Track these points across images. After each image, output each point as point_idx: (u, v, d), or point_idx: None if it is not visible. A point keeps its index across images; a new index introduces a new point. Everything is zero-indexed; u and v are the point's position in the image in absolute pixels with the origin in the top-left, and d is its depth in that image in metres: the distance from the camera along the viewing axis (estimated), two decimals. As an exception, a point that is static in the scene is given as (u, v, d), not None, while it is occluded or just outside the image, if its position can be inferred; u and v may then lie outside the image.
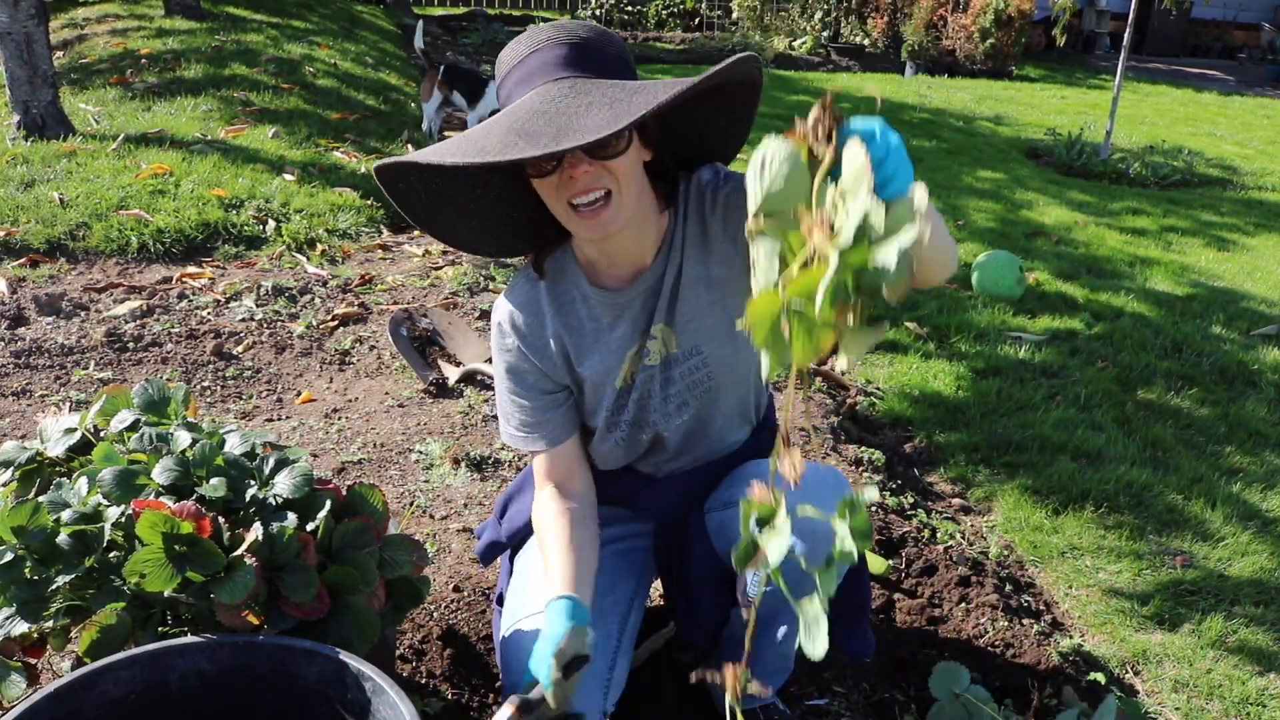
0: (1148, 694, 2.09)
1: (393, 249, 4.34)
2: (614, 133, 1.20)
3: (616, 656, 1.61)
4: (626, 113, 1.22)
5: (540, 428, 1.61)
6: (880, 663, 2.03)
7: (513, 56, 1.37)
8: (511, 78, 1.36)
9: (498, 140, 1.26)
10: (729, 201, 1.50)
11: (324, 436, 2.80)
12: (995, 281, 5.05)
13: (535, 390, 1.60)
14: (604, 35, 1.39)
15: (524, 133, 1.24)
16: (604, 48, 1.37)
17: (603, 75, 1.33)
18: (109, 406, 1.67)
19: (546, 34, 1.36)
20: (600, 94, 1.27)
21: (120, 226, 4.01)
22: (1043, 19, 12.62)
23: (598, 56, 1.35)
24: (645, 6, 13.18)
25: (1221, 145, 8.25)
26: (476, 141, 1.28)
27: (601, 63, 1.35)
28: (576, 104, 1.26)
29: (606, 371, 1.59)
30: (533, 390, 1.60)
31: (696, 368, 1.60)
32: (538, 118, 1.26)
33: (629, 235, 1.46)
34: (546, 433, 1.61)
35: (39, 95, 4.94)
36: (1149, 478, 2.89)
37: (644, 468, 1.74)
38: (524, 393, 1.60)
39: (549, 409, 1.61)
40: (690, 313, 1.55)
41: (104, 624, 1.33)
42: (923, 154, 6.98)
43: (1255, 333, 4.05)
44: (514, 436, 1.63)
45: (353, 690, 1.29)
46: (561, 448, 1.62)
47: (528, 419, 1.60)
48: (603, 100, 1.26)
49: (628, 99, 1.26)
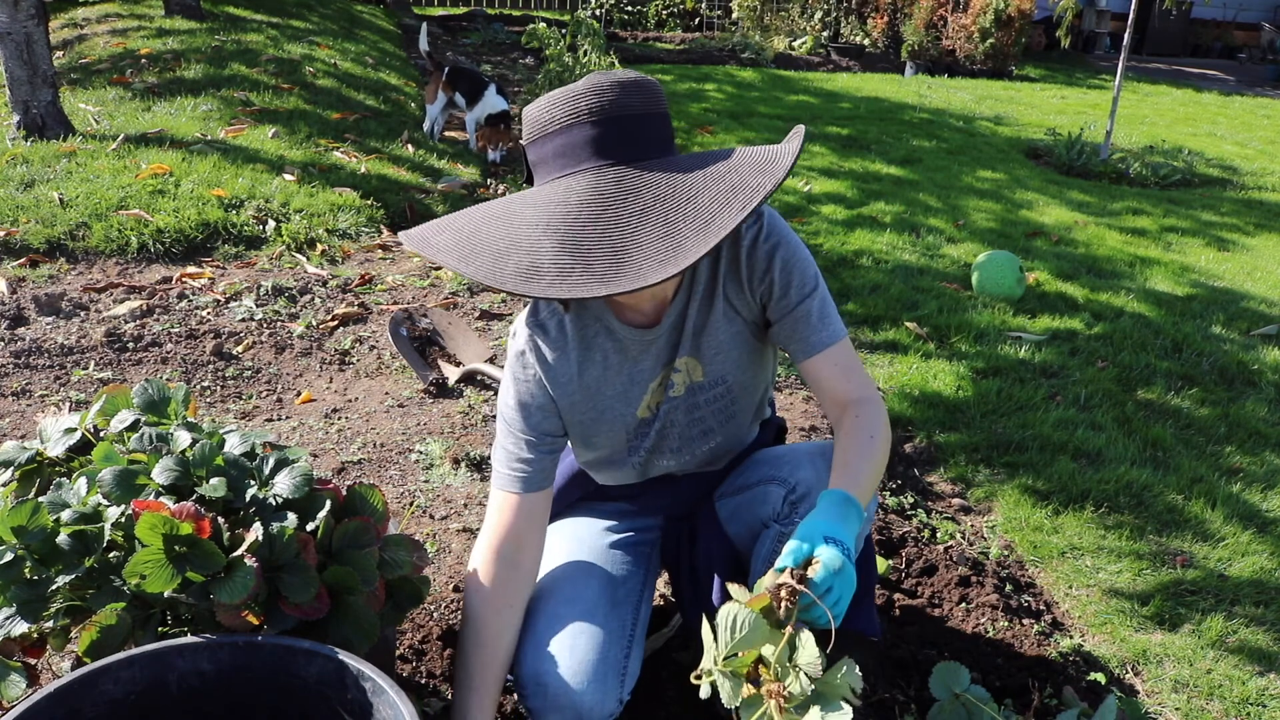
0: (1148, 694, 2.09)
1: (393, 249, 4.34)
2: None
3: (631, 645, 1.62)
4: (689, 248, 1.20)
5: (528, 466, 1.56)
6: (880, 663, 2.03)
7: (547, 122, 1.32)
8: (547, 146, 1.32)
9: (550, 260, 1.21)
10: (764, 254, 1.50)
11: (324, 436, 2.80)
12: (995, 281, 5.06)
13: (539, 430, 1.57)
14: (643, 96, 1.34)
15: (578, 250, 1.21)
16: (645, 114, 1.32)
17: (645, 153, 1.30)
18: (109, 406, 1.67)
19: (586, 103, 1.30)
20: (651, 195, 1.25)
21: (120, 226, 4.01)
22: (1043, 19, 12.62)
23: (638, 128, 1.31)
24: (645, 6, 13.18)
25: (1221, 145, 8.25)
26: (526, 253, 1.23)
27: (642, 135, 1.31)
28: (628, 213, 1.23)
29: (629, 403, 1.59)
30: (536, 429, 1.57)
31: (721, 395, 1.62)
32: (588, 226, 1.22)
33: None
34: (529, 473, 1.56)
35: (39, 95, 4.94)
36: (1149, 478, 2.89)
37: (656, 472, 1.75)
38: (527, 428, 1.56)
39: (543, 450, 1.57)
40: (718, 346, 1.56)
41: (104, 624, 1.33)
42: (923, 154, 6.98)
43: (1255, 333, 4.05)
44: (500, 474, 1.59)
45: (353, 690, 1.29)
46: (534, 496, 1.57)
47: (524, 454, 1.56)
48: (655, 206, 1.23)
49: (679, 212, 1.23)
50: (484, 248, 1.27)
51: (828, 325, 1.52)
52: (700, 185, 1.27)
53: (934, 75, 10.92)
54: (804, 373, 1.55)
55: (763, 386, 1.69)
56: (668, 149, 1.35)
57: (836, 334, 1.53)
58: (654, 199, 1.25)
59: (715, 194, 1.26)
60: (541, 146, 1.33)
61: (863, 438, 1.47)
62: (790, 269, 1.50)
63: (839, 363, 1.52)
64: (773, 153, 1.34)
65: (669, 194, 1.25)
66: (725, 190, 1.26)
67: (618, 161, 1.29)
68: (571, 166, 1.30)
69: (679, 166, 1.31)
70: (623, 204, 1.24)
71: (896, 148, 7.11)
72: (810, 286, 1.51)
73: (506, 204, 1.34)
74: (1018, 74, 11.45)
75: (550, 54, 6.27)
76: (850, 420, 1.49)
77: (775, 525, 1.61)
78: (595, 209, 1.24)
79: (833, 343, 1.52)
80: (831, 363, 1.52)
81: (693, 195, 1.25)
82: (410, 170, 5.38)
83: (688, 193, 1.26)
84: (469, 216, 1.36)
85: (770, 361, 1.69)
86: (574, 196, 1.26)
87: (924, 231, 5.16)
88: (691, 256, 1.19)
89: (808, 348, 1.52)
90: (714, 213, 1.23)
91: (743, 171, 1.29)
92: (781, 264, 1.49)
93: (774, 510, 1.61)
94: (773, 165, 1.30)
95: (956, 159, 6.93)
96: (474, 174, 5.60)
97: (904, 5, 11.71)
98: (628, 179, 1.27)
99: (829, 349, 1.52)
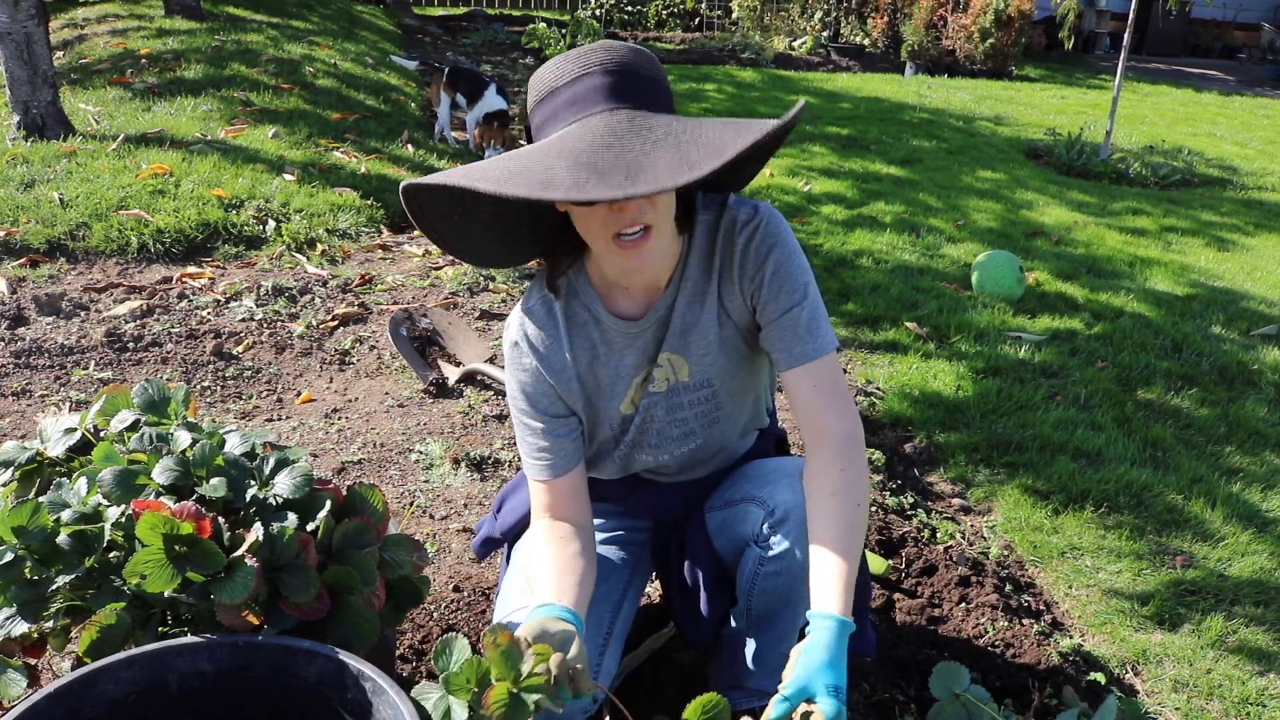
0: (1148, 694, 2.09)
1: (393, 249, 4.34)
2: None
3: (607, 643, 1.61)
4: (701, 160, 1.19)
5: (548, 453, 1.57)
6: (880, 663, 2.03)
7: (558, 77, 1.32)
8: (558, 98, 1.31)
9: (565, 174, 1.20)
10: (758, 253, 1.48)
11: (324, 436, 2.80)
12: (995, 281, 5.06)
13: (547, 414, 1.57)
14: (650, 62, 1.36)
15: (594, 168, 1.19)
16: (653, 77, 1.34)
17: (655, 108, 1.31)
18: (109, 406, 1.67)
19: (597, 56, 1.32)
20: (664, 131, 1.25)
21: (120, 226, 4.01)
22: (1043, 19, 12.62)
23: (644, 84, 1.32)
24: (645, 6, 13.18)
25: (1221, 145, 8.25)
26: (539, 171, 1.22)
27: (648, 90, 1.32)
28: (641, 142, 1.23)
29: (613, 395, 1.58)
30: (545, 414, 1.57)
31: (706, 399, 1.60)
32: (605, 152, 1.21)
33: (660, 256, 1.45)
34: (552, 459, 1.57)
35: (39, 95, 4.94)
36: (1149, 478, 2.89)
37: (645, 474, 1.74)
38: (536, 415, 1.57)
39: (559, 434, 1.57)
40: (706, 347, 1.54)
41: (104, 624, 1.33)
42: (923, 154, 6.98)
43: (1255, 333, 4.05)
44: (527, 463, 1.60)
45: (353, 690, 1.29)
46: (565, 479, 1.58)
47: (541, 443, 1.57)
48: (668, 139, 1.23)
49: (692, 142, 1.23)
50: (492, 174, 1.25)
51: (815, 337, 1.48)
52: (710, 126, 1.28)
53: (934, 75, 10.92)
54: (783, 382, 1.52)
55: (753, 395, 1.67)
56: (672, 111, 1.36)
57: (822, 348, 1.48)
58: (666, 133, 1.25)
59: (725, 131, 1.26)
60: (552, 101, 1.32)
61: (850, 510, 1.42)
62: (782, 273, 1.47)
63: (818, 382, 1.47)
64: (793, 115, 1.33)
65: (681, 130, 1.26)
66: (736, 129, 1.27)
67: (631, 106, 1.29)
68: (584, 111, 1.29)
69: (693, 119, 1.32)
70: (636, 137, 1.24)
71: (896, 148, 7.11)
72: (800, 294, 1.47)
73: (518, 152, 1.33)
74: (1017, 74, 11.45)
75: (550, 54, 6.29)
76: (835, 473, 1.44)
77: (755, 548, 1.60)
78: (607, 138, 1.24)
79: (816, 357, 1.47)
80: (811, 380, 1.47)
81: (703, 131, 1.26)
82: (410, 170, 5.38)
83: (698, 129, 1.26)
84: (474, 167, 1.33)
85: (764, 371, 1.66)
86: (586, 131, 1.26)
87: (924, 231, 5.17)
88: (706, 167, 1.18)
89: (790, 357, 1.48)
90: (726, 141, 1.23)
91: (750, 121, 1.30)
92: (774, 266, 1.47)
93: (754, 531, 1.60)
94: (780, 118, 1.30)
95: (956, 159, 6.93)
96: (474, 174, 5.60)
97: (904, 5, 11.71)
98: (640, 118, 1.27)
99: (811, 363, 1.47)
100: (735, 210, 1.50)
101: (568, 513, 1.58)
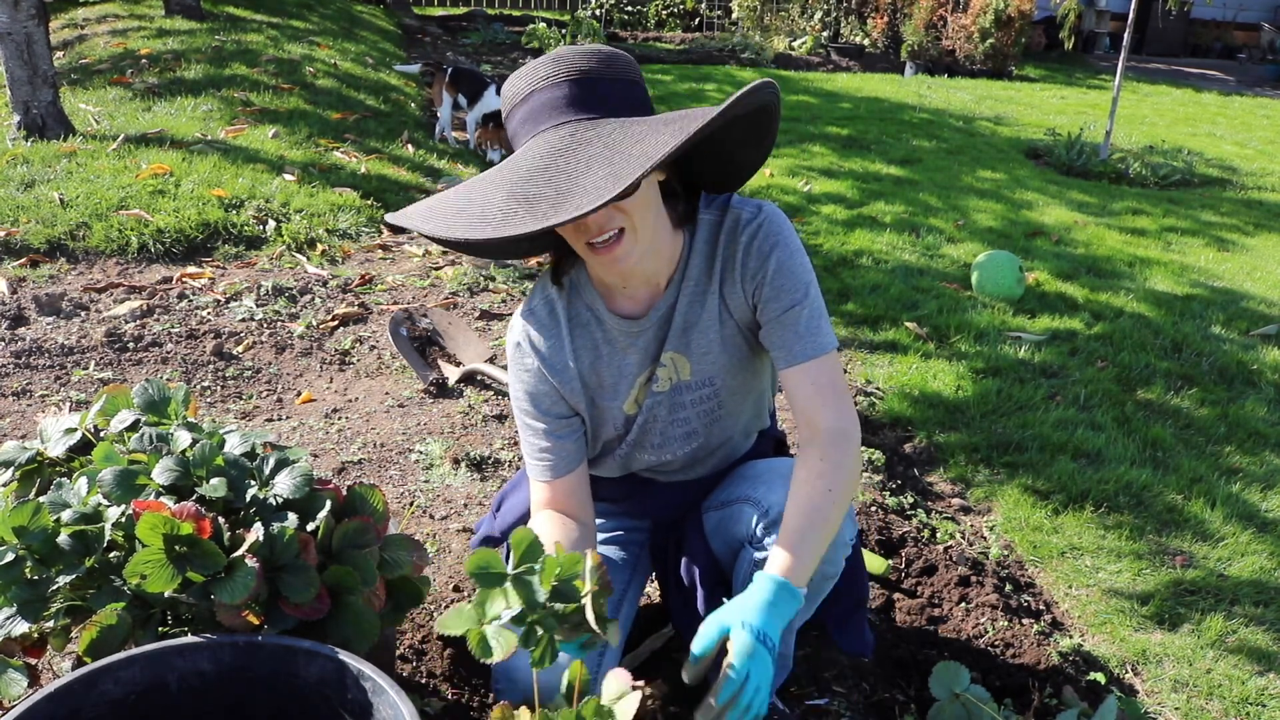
0: (1148, 694, 2.09)
1: (393, 249, 4.34)
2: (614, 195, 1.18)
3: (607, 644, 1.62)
4: (626, 171, 1.20)
5: (550, 454, 1.57)
6: (880, 663, 2.03)
7: (514, 94, 1.35)
8: (515, 116, 1.35)
9: (499, 208, 1.25)
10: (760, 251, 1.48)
11: (324, 436, 2.80)
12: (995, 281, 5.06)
13: (550, 415, 1.57)
14: (609, 61, 1.35)
15: (525, 198, 1.23)
16: (608, 78, 1.33)
17: (607, 112, 1.30)
18: (109, 406, 1.67)
19: (545, 70, 1.33)
20: (602, 144, 1.25)
21: (120, 226, 4.01)
22: (1043, 19, 12.62)
23: (602, 90, 1.31)
24: (645, 6, 13.18)
25: (1221, 145, 8.25)
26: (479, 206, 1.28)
27: (606, 95, 1.31)
28: (576, 160, 1.24)
29: (616, 395, 1.59)
30: (547, 415, 1.57)
31: (708, 397, 1.60)
32: (537, 177, 1.24)
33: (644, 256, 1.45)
34: (554, 460, 1.58)
35: (39, 95, 4.94)
36: (1149, 478, 2.89)
37: (645, 474, 1.74)
38: (539, 415, 1.57)
39: (561, 435, 1.58)
40: (707, 346, 1.54)
41: (104, 624, 1.33)
42: (923, 154, 6.98)
43: (1255, 333, 4.05)
44: (529, 463, 1.61)
45: (353, 690, 1.29)
46: (566, 479, 1.58)
47: (543, 443, 1.57)
48: (604, 154, 1.23)
49: (628, 150, 1.23)
50: (446, 210, 1.33)
51: (815, 337, 1.48)
52: (650, 128, 1.27)
53: (934, 75, 10.92)
54: (782, 381, 1.52)
55: (754, 395, 1.67)
56: (639, 112, 1.34)
57: (821, 348, 1.48)
58: (603, 146, 1.25)
59: (665, 130, 1.26)
60: (513, 118, 1.36)
61: (818, 494, 1.42)
62: (784, 272, 1.47)
63: (816, 380, 1.47)
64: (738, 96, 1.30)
65: (619, 140, 1.26)
66: (678, 126, 1.26)
67: (576, 117, 1.30)
68: (534, 130, 1.32)
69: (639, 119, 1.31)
70: (573, 154, 1.26)
71: (896, 148, 7.11)
72: (801, 294, 1.47)
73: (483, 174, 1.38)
74: (1017, 74, 11.45)
75: (550, 54, 6.29)
76: (815, 462, 1.44)
77: (750, 548, 1.60)
78: (544, 160, 1.26)
79: (815, 356, 1.47)
80: (810, 378, 1.47)
81: (640, 137, 1.26)
82: (410, 170, 5.38)
83: (636, 136, 1.26)
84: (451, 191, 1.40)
85: (765, 371, 1.66)
86: (529, 155, 1.29)
87: (924, 231, 5.17)
88: (626, 179, 1.19)
89: (789, 356, 1.48)
90: (660, 143, 1.23)
91: (696, 113, 1.29)
92: (776, 264, 1.47)
93: (748, 532, 1.60)
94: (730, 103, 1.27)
95: (956, 159, 6.93)
96: (474, 173, 5.61)
97: (904, 5, 11.72)
98: (581, 131, 1.28)
99: (809, 362, 1.47)
100: (739, 209, 1.50)
101: (569, 511, 1.59)
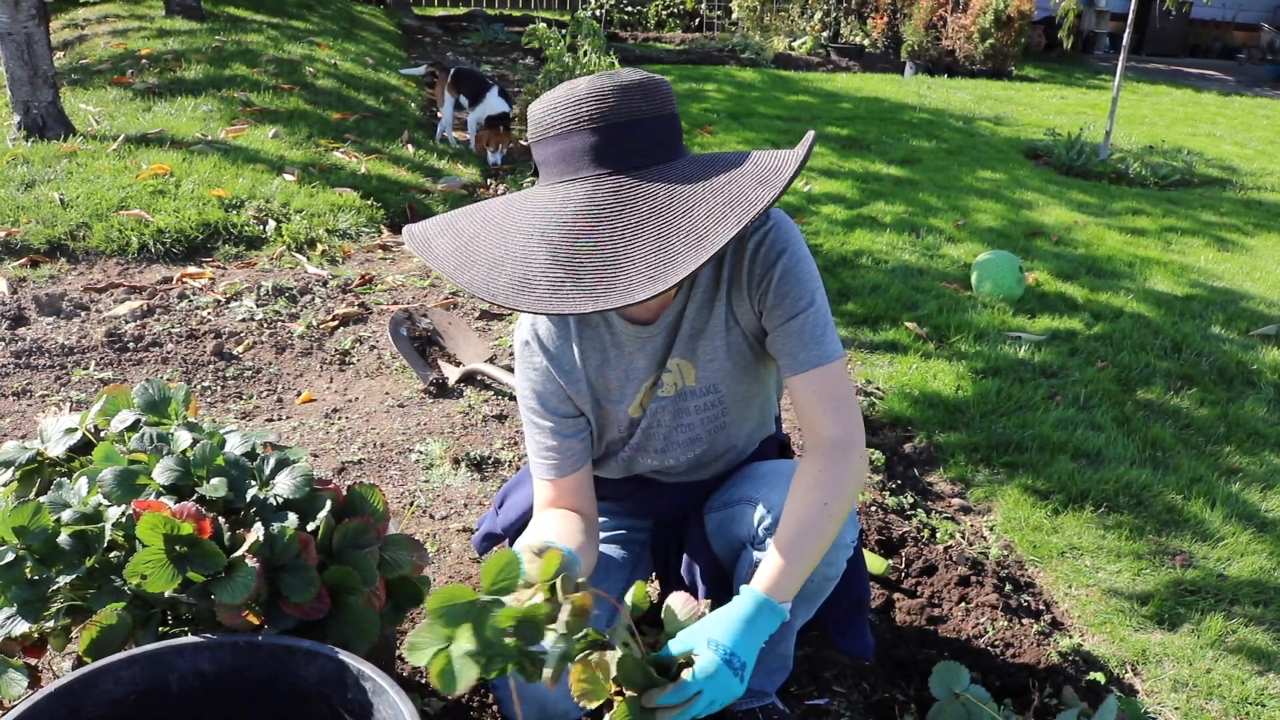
0: (1148, 694, 2.09)
1: (393, 249, 4.34)
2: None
3: None
4: (677, 268, 1.19)
5: (555, 453, 1.57)
6: (880, 663, 2.03)
7: (548, 127, 1.31)
8: (548, 149, 1.32)
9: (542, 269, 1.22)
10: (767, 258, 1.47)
11: (324, 436, 2.80)
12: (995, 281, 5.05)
13: (556, 414, 1.57)
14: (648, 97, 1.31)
15: (570, 263, 1.21)
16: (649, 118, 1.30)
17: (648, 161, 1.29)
18: (109, 406, 1.67)
19: (587, 109, 1.28)
20: (647, 208, 1.24)
21: (120, 227, 4.01)
22: (1042, 19, 12.62)
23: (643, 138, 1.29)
24: (645, 7, 13.18)
25: (1221, 145, 8.25)
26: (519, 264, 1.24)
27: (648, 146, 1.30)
28: (624, 226, 1.23)
29: (621, 398, 1.58)
30: (554, 413, 1.57)
31: (713, 404, 1.60)
32: (583, 244, 1.22)
33: None
34: (559, 459, 1.57)
35: (39, 95, 4.94)
36: (1149, 478, 2.89)
37: (649, 474, 1.75)
38: (545, 414, 1.57)
39: (567, 434, 1.58)
40: (712, 352, 1.54)
41: (104, 624, 1.33)
42: (922, 154, 6.98)
43: (1255, 333, 4.05)
44: (533, 461, 1.61)
45: (353, 690, 1.29)
46: (570, 479, 1.58)
47: (549, 441, 1.57)
48: (650, 219, 1.22)
49: (675, 227, 1.22)
50: (480, 257, 1.28)
51: (820, 345, 1.46)
52: (698, 197, 1.26)
53: (934, 75, 10.91)
54: (787, 389, 1.52)
55: (759, 402, 1.66)
56: (673, 152, 1.33)
57: (827, 356, 1.46)
58: (649, 211, 1.23)
59: (712, 207, 1.24)
60: (543, 149, 1.33)
61: (815, 507, 1.41)
62: (790, 278, 1.46)
63: (821, 389, 1.46)
64: (779, 160, 1.31)
65: (665, 206, 1.24)
66: (723, 203, 1.24)
67: (616, 170, 1.28)
68: (570, 173, 1.29)
69: (680, 176, 1.29)
70: (618, 218, 1.23)
71: (896, 148, 7.11)
72: (807, 301, 1.46)
73: (507, 206, 1.34)
74: (1017, 74, 11.45)
75: (550, 54, 6.27)
76: (815, 472, 1.44)
77: (751, 549, 1.60)
78: (589, 223, 1.23)
79: (820, 364, 1.46)
80: (814, 386, 1.46)
81: (689, 208, 1.24)
82: (410, 170, 5.38)
83: (684, 205, 1.24)
84: (470, 218, 1.35)
85: (770, 379, 1.66)
86: (570, 207, 1.26)
87: (924, 231, 5.17)
88: (681, 272, 1.18)
89: (794, 364, 1.47)
90: (709, 227, 1.22)
91: (743, 183, 1.28)
92: (782, 272, 1.46)
93: (749, 532, 1.60)
94: (776, 176, 1.28)
95: (956, 159, 6.93)
96: (474, 174, 5.61)
97: (904, 5, 11.71)
98: (624, 189, 1.26)
99: (814, 370, 1.46)
100: None
101: (573, 509, 1.59)
